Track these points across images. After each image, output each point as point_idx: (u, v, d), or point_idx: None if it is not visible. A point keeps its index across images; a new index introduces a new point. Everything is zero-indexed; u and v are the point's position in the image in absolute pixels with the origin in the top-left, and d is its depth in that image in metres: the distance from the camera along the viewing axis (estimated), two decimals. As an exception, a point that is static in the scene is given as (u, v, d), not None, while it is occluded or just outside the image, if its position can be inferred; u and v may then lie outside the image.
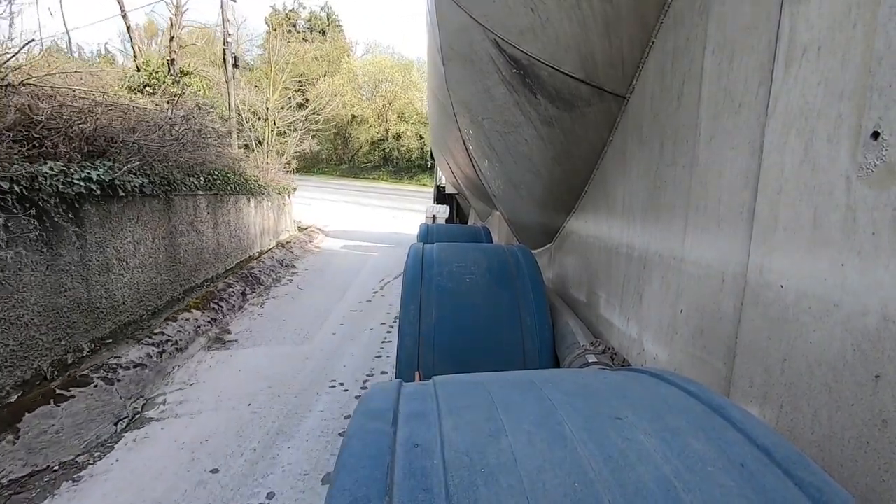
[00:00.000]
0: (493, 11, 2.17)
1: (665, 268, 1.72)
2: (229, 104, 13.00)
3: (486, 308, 2.52)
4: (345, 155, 41.90)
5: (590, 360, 2.06)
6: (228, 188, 8.47)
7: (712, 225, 1.40)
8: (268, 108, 17.10)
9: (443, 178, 14.03)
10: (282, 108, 18.71)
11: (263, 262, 9.65)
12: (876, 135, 0.85)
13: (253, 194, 10.29)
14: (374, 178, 38.42)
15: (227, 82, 13.02)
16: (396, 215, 21.64)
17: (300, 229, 15.51)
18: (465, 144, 4.64)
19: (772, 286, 1.13)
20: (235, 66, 13.19)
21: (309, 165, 40.65)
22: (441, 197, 14.59)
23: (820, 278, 0.98)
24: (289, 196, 14.38)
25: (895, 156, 0.82)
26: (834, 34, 0.96)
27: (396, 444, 0.73)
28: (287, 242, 12.20)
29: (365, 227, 18.23)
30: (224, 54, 13.21)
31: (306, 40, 39.49)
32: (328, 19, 44.04)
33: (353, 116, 39.92)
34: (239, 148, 13.57)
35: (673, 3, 1.65)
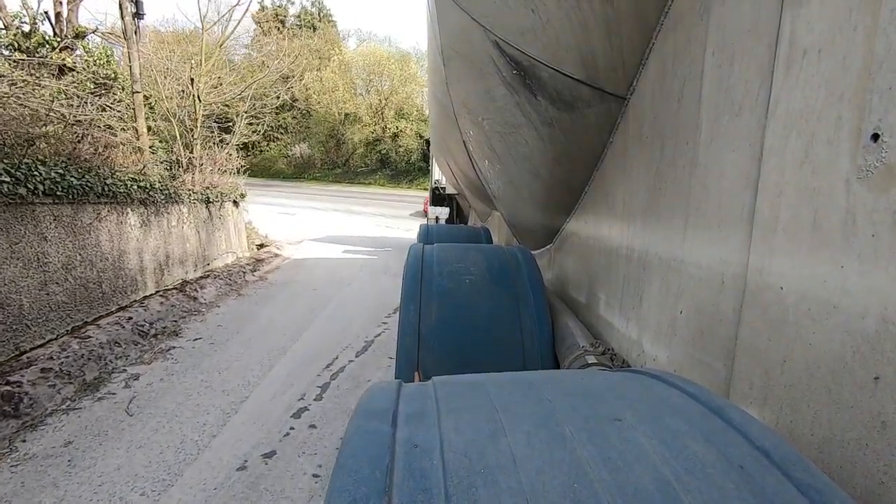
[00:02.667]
0: (494, 12, 2.17)
1: (665, 269, 1.72)
2: (131, 71, 8.62)
3: (486, 309, 2.52)
4: (338, 158, 38.87)
5: (589, 361, 2.06)
6: (21, 187, 4.49)
7: (712, 226, 1.40)
8: (193, 80, 11.12)
9: (440, 178, 13.53)
10: (216, 85, 13.18)
11: (92, 334, 4.95)
12: (876, 137, 0.86)
13: (129, 202, 6.40)
14: (369, 183, 35.87)
15: (125, 39, 8.63)
16: (391, 225, 18.62)
17: (260, 247, 12.13)
18: (465, 145, 4.65)
19: (771, 288, 1.13)
20: (138, 15, 8.72)
21: (300, 171, 38.48)
22: (437, 199, 13.67)
23: (820, 280, 0.98)
24: (235, 204, 10.72)
25: (895, 158, 0.82)
26: (834, 37, 0.96)
27: (396, 444, 0.73)
28: (206, 276, 8.37)
29: (348, 241, 14.43)
30: (119, -3, 8.09)
31: (295, 36, 38.06)
32: (319, 14, 42.58)
33: (346, 115, 36.92)
34: (150, 134, 9.91)
35: (673, 4, 1.65)
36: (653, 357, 1.81)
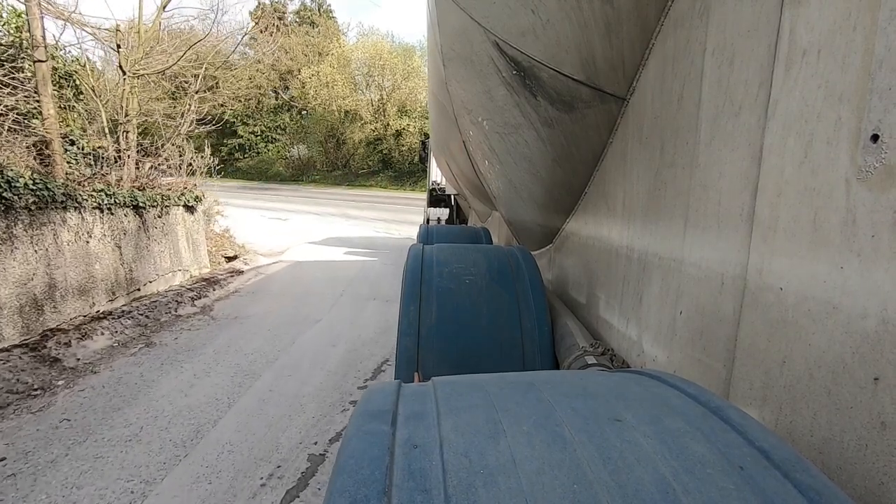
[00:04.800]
0: (494, 13, 2.17)
1: (664, 269, 1.72)
2: (30, 31, 6.66)
3: (486, 309, 2.52)
4: (338, 160, 36.79)
5: (589, 362, 2.06)
6: None
7: (712, 227, 1.40)
8: (119, 48, 8.43)
9: (437, 179, 13.27)
10: (159, 45, 9.80)
11: None
12: (875, 137, 0.86)
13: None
14: (370, 185, 34.04)
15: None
16: (392, 230, 16.73)
17: (230, 259, 10.21)
18: (465, 146, 4.65)
19: (771, 288, 1.13)
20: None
21: (298, 173, 37.21)
22: (435, 200, 13.12)
23: (819, 281, 0.98)
24: (189, 210, 8.76)
25: (894, 158, 0.82)
26: (834, 37, 0.96)
27: (395, 444, 0.73)
28: (104, 317, 5.88)
29: (337, 252, 12.25)
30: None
31: (293, 32, 36.77)
32: (319, 10, 41.44)
33: (346, 112, 34.73)
34: (62, 113, 7.72)
35: (673, 5, 1.65)
36: (652, 357, 1.81)
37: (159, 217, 7.83)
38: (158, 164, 8.91)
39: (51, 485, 3.09)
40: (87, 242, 6.15)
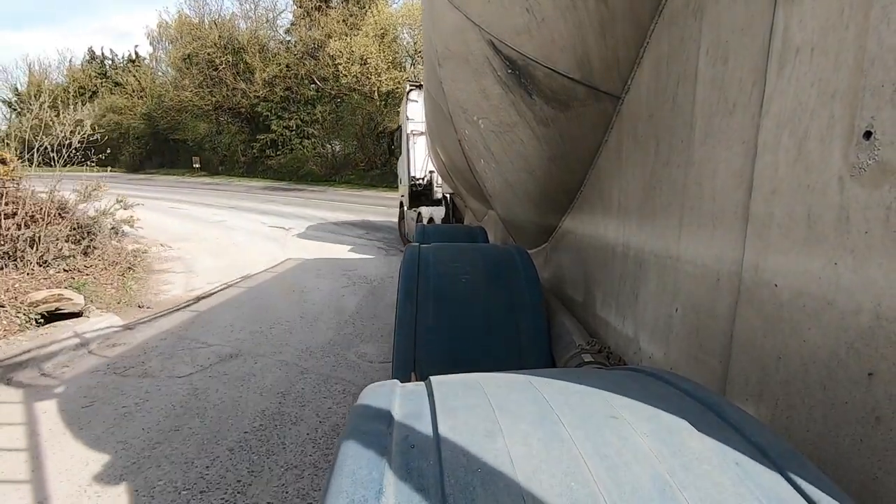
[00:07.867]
0: (489, 11, 2.17)
1: (660, 267, 1.73)
2: None
3: (483, 308, 2.52)
4: (376, 157, 29.64)
5: (586, 360, 2.06)
6: None
7: (707, 224, 1.41)
8: None
9: (417, 174, 11.56)
10: None
11: None
12: (868, 134, 0.86)
13: None
14: None
15: None
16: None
17: (50, 318, 5.26)
18: (460, 144, 4.65)
19: (766, 285, 1.14)
20: None
21: (331, 173, 32.31)
22: (415, 196, 11.35)
23: (814, 277, 0.99)
24: None
25: (887, 155, 0.83)
26: (827, 35, 0.96)
27: (392, 444, 0.73)
28: None
29: (314, 286, 7.64)
30: None
31: (337, 11, 32.04)
32: None
33: (387, 95, 28.07)
34: None
35: (667, 3, 1.66)
36: (649, 355, 1.81)
37: None
38: None
39: None
40: None
